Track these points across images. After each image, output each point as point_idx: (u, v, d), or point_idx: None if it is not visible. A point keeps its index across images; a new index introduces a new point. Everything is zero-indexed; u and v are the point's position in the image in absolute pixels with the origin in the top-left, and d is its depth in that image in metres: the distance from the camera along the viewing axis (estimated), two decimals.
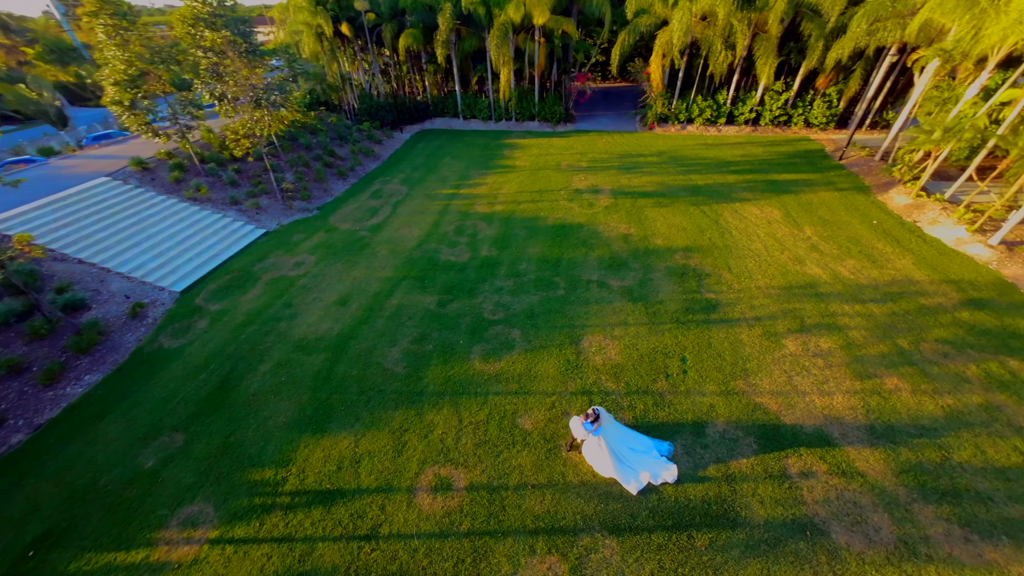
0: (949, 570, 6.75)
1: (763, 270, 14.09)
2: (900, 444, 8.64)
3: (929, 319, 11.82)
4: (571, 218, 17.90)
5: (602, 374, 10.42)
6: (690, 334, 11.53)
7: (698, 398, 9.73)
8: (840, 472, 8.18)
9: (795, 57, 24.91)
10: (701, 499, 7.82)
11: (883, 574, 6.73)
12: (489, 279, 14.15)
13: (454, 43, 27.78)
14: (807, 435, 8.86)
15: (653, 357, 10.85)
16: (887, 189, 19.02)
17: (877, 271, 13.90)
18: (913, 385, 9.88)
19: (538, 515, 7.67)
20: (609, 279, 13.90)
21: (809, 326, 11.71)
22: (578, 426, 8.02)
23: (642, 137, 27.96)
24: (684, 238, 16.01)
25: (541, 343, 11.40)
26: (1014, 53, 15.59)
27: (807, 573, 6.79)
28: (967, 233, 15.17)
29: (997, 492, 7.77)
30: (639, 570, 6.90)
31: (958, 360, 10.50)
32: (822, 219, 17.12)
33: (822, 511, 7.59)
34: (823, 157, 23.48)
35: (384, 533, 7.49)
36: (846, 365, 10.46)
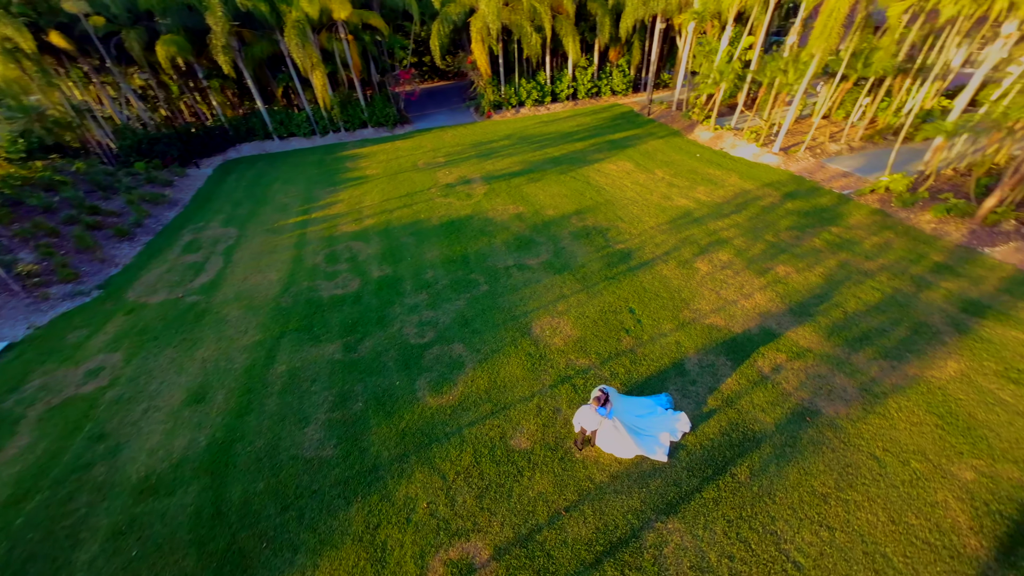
0: (900, 398, 7.97)
1: (647, 212, 15.21)
2: (814, 315, 10.06)
3: (773, 215, 14.43)
4: (456, 212, 16.40)
5: (569, 353, 9.46)
6: (623, 285, 11.50)
7: (662, 340, 9.64)
8: (796, 355, 9.03)
9: (589, 35, 28.16)
10: (720, 433, 7.58)
11: (869, 423, 7.53)
12: (396, 300, 11.69)
13: (238, 49, 22.75)
14: (757, 336, 9.59)
15: (605, 318, 10.39)
16: (692, 129, 23.06)
17: (722, 190, 16.47)
18: (794, 267, 11.76)
19: (589, 540, 6.26)
20: (525, 259, 13.01)
21: (705, 246, 12.99)
22: (589, 416, 6.85)
23: (484, 126, 27.99)
24: (569, 204, 16.24)
25: (491, 347, 9.79)
26: (743, 12, 20.36)
27: (828, 453, 7.12)
28: (758, 148, 19.32)
29: (883, 322, 9.66)
30: (713, 536, 6.18)
31: (805, 238, 13.01)
32: (663, 162, 19.62)
33: (805, 394, 8.17)
34: (636, 116, 27.29)
35: None
36: (747, 268, 11.86)
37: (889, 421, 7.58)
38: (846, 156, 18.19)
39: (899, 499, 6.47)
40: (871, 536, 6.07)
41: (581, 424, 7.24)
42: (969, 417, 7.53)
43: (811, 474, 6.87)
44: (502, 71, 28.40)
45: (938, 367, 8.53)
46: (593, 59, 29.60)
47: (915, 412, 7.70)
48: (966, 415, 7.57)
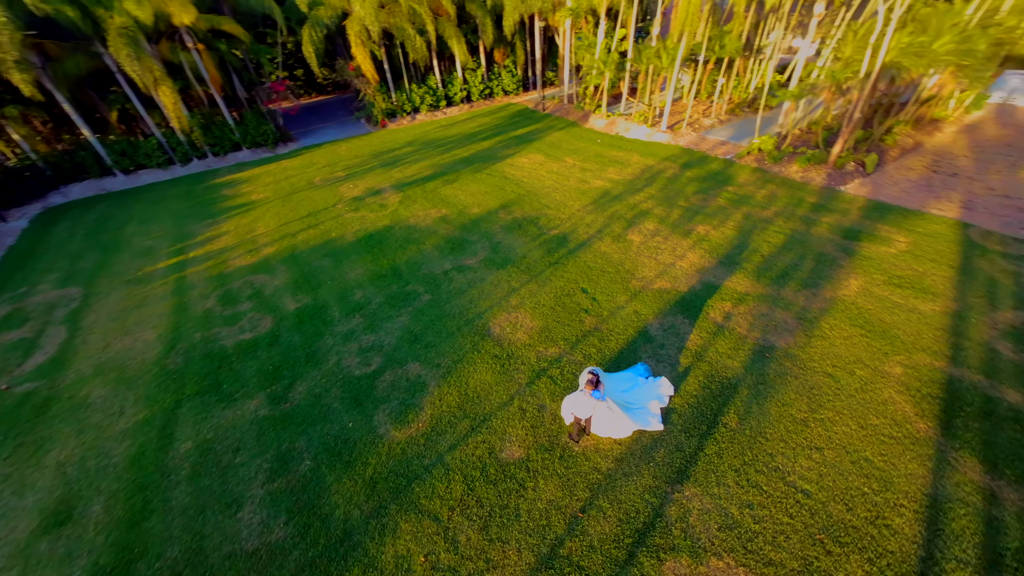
0: (829, 319, 8.94)
1: (570, 197, 15.42)
2: (740, 263, 10.96)
3: (678, 184, 15.67)
4: (372, 225, 14.82)
5: (536, 345, 8.88)
6: (568, 268, 11.32)
7: (621, 313, 9.60)
8: (738, 300, 9.66)
9: (472, 37, 28.21)
10: (700, 388, 7.66)
11: (814, 346, 8.28)
12: (325, 330, 9.95)
13: (42, 66, 17.95)
14: (701, 290, 10.08)
15: (562, 303, 10.05)
16: (587, 119, 24.35)
17: (629, 169, 17.48)
18: (711, 225, 12.79)
19: (615, 535, 5.72)
20: (462, 260, 12.14)
21: (631, 219, 13.51)
22: (582, 402, 6.35)
23: (381, 135, 26.27)
24: (492, 200, 15.78)
25: (452, 358, 8.77)
26: (612, 8, 22.04)
27: (793, 381, 7.61)
28: (649, 129, 21.06)
29: (793, 259, 10.88)
30: (728, 491, 6.08)
31: (711, 199, 14.31)
32: (570, 150, 20.29)
33: (757, 333, 8.72)
34: (532, 112, 28.04)
35: None
36: (673, 233, 12.57)
37: (828, 340, 8.42)
38: (719, 128, 20.73)
39: (859, 406, 7.12)
40: (851, 445, 6.54)
41: (573, 414, 6.70)
42: (880, 322, 8.72)
43: (787, 404, 7.24)
44: (389, 77, 27.00)
45: (845, 287, 9.81)
46: (480, 61, 29.76)
47: (843, 328, 8.68)
48: (878, 321, 8.75)
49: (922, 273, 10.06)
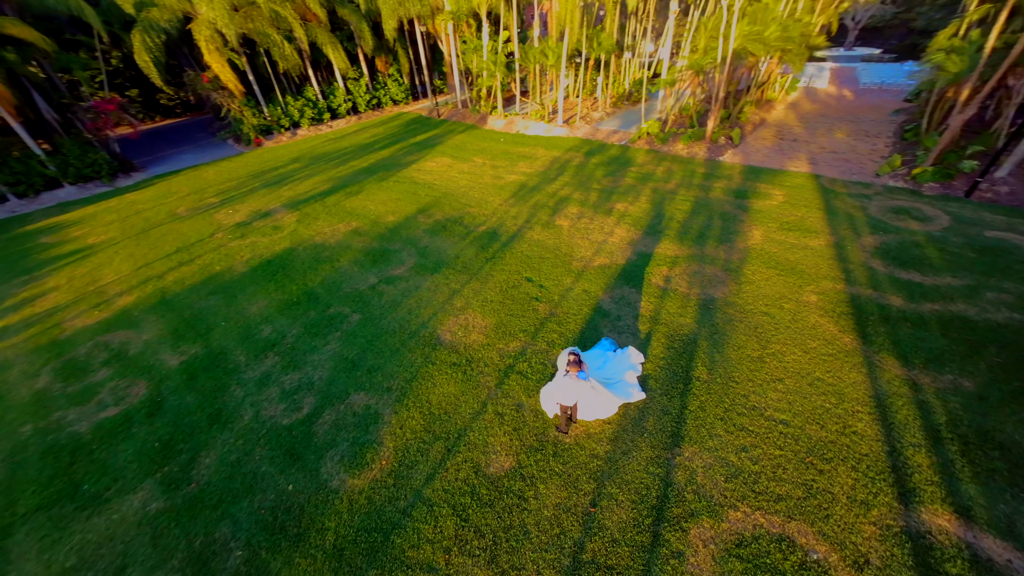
0: (750, 266, 9.83)
1: (489, 194, 15.01)
2: (663, 231, 11.62)
3: (587, 170, 16.33)
4: (269, 249, 12.55)
5: (495, 344, 8.14)
6: (507, 260, 10.82)
7: (571, 295, 9.38)
8: (672, 264, 10.14)
9: (350, 44, 26.43)
10: (665, 349, 7.70)
11: (746, 291, 8.98)
12: (230, 381, 7.89)
13: None
14: (638, 260, 10.39)
15: (510, 296, 9.48)
16: (485, 121, 24.39)
17: (539, 161, 17.77)
18: (627, 202, 13.46)
19: (634, 520, 5.25)
20: (389, 271, 10.84)
21: (555, 206, 13.58)
22: (568, 387, 5.83)
23: (258, 154, 22.96)
24: (408, 205, 14.61)
25: (404, 378, 7.57)
26: (492, 11, 22.41)
27: (739, 325, 8.08)
28: (547, 124, 21.80)
29: (703, 221, 11.91)
30: (721, 441, 6.07)
31: (620, 180, 15.14)
32: (476, 150, 19.98)
33: (697, 290, 9.19)
34: (427, 119, 27.25)
35: None
36: (597, 213, 12.91)
37: (754, 284, 9.22)
38: (608, 120, 22.38)
39: (796, 335, 7.81)
40: (803, 370, 7.09)
41: (558, 403, 6.14)
42: (787, 261, 9.86)
43: (741, 346, 7.63)
44: (258, 90, 23.83)
45: (751, 237, 10.96)
46: (363, 70, 28.04)
47: (762, 271, 9.60)
48: (785, 260, 9.89)
49: (801, 217, 11.76)
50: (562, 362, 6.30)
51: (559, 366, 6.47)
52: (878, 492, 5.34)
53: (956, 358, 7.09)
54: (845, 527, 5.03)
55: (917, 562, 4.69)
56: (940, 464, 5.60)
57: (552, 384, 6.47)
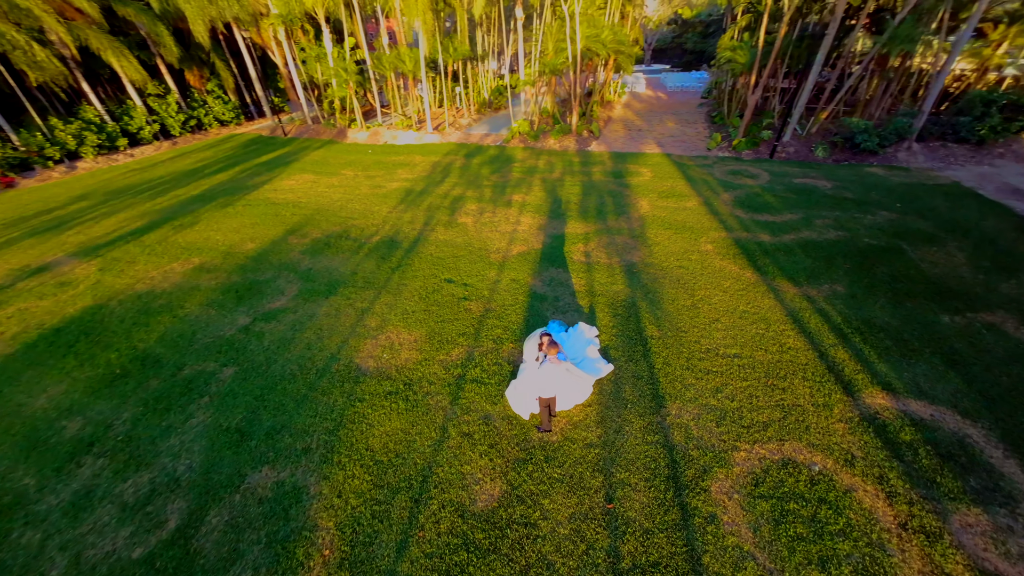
0: (651, 230, 10.50)
1: (373, 204, 13.26)
2: (564, 213, 11.75)
3: (473, 170, 15.88)
4: (52, 316, 8.53)
5: (435, 355, 6.79)
6: (417, 267, 9.46)
7: (500, 287, 8.58)
8: (588, 239, 10.21)
9: (144, 53, 21.09)
10: (612, 317, 7.48)
11: (657, 253, 9.49)
12: (13, 520, 4.76)
13: None
14: (554, 242, 10.18)
15: (434, 302, 8.18)
16: (345, 135, 22.09)
17: (419, 167, 16.61)
18: (522, 194, 13.36)
19: (657, 501, 4.64)
20: (266, 305, 8.38)
21: (451, 206, 12.65)
22: (548, 375, 5.02)
23: (13, 197, 16.28)
24: (270, 228, 11.86)
25: (325, 429, 5.65)
26: (331, 15, 20.42)
27: (665, 280, 8.40)
28: (416, 133, 20.77)
29: (595, 200, 12.51)
30: (697, 391, 5.96)
31: (507, 175, 15.08)
32: (343, 164, 17.74)
33: (617, 258, 9.35)
34: (271, 139, 23.43)
35: None
36: (496, 207, 12.44)
37: (661, 244, 9.83)
38: (476, 125, 22.50)
39: (711, 278, 8.45)
40: (730, 306, 7.62)
41: (537, 397, 5.24)
42: (677, 221, 10.86)
43: (675, 299, 7.89)
44: None
45: (641, 207, 11.85)
46: (168, 85, 22.69)
47: (662, 232, 10.35)
48: (675, 221, 10.87)
49: (671, 187, 13.28)
50: (530, 350, 5.41)
51: (526, 357, 5.57)
52: (830, 392, 5.84)
53: (823, 271, 8.54)
54: (823, 432, 5.30)
55: (884, 442, 5.15)
56: (855, 354, 6.46)
57: (521, 379, 5.51)
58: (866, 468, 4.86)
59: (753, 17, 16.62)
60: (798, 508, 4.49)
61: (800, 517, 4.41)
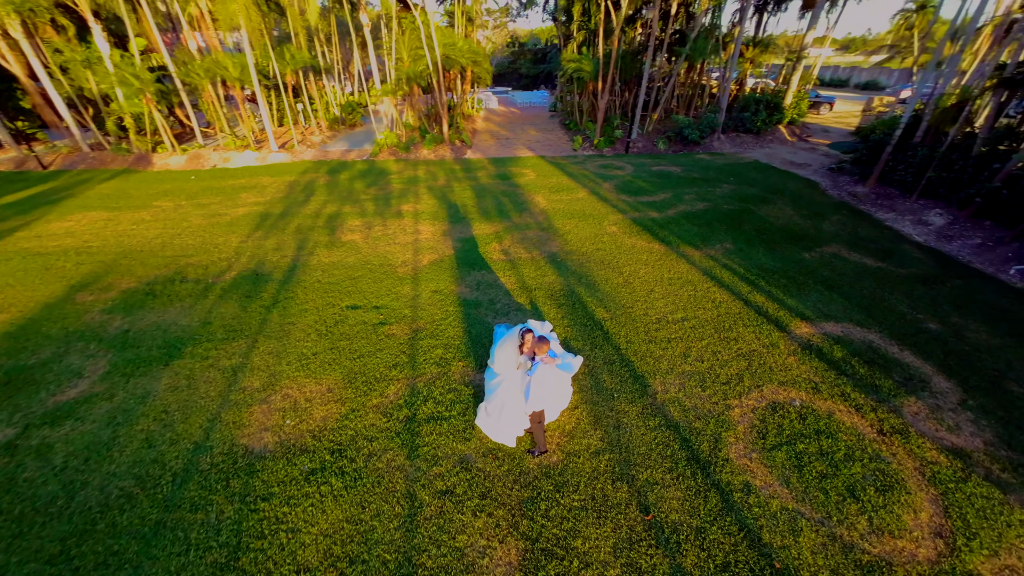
0: (557, 222, 10.39)
1: (214, 234, 10.10)
2: (465, 216, 10.87)
3: (343, 187, 13.76)
4: None
5: (365, 403, 5.05)
6: (302, 298, 7.31)
7: (421, 301, 7.18)
8: (498, 238, 9.50)
9: None
10: (559, 308, 6.86)
11: (572, 241, 9.37)
12: None
13: None
14: (466, 246, 9.19)
15: (342, 335, 6.30)
16: (150, 161, 16.99)
17: (270, 189, 13.62)
18: (411, 203, 12.00)
19: (692, 490, 4.03)
20: (52, 399, 5.19)
21: (329, 224, 10.52)
22: (544, 382, 4.06)
23: None
24: (41, 288, 7.80)
25: (215, 564, 3.47)
26: (101, 11, 15.50)
27: (593, 263, 8.24)
28: (257, 152, 17.26)
29: (490, 201, 12.02)
30: (668, 361, 5.70)
31: (386, 187, 13.49)
32: (156, 195, 13.35)
33: (538, 252, 8.87)
34: (20, 174, 16.53)
35: None
36: (386, 219, 10.82)
37: (572, 232, 9.76)
38: (333, 142, 19.98)
39: (629, 254, 8.63)
40: (658, 275, 7.80)
41: (530, 412, 4.19)
42: (576, 211, 11.05)
43: (608, 279, 7.73)
44: None
45: (538, 203, 11.78)
46: None
47: (569, 222, 10.34)
48: (574, 211, 11.05)
49: (558, 182, 13.68)
50: (506, 358, 4.32)
51: (500, 368, 4.44)
52: (769, 332, 6.25)
53: (710, 235, 9.57)
54: (784, 369, 5.55)
55: (827, 364, 5.63)
56: (768, 295, 7.17)
57: (499, 397, 4.36)
58: (830, 391, 5.19)
59: (587, 33, 18.80)
60: (806, 447, 4.44)
61: (812, 455, 4.35)
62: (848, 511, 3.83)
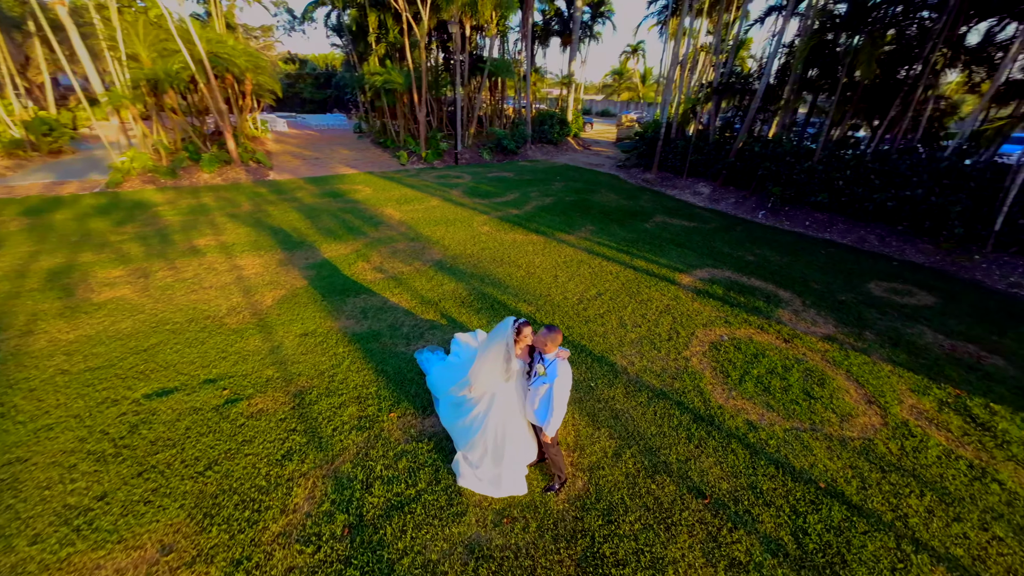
0: (422, 227, 9.17)
1: None
2: (302, 241, 8.46)
3: (64, 231, 8.85)
4: None
5: (233, 545, 2.86)
6: (50, 398, 3.97)
7: (288, 351, 4.93)
8: (361, 256, 7.66)
9: None
10: (481, 315, 5.81)
11: (449, 244, 8.38)
12: None
13: None
14: (322, 271, 7.03)
15: (168, 439, 3.59)
16: None
17: None
18: (209, 238, 8.60)
19: (720, 461, 3.69)
20: None
21: (66, 286, 6.39)
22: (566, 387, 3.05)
23: None
24: None
25: None
26: None
27: (492, 262, 7.49)
28: None
29: (331, 222, 9.85)
30: (607, 337, 5.45)
31: (160, 223, 9.41)
32: None
33: (420, 263, 7.52)
34: None
35: None
36: (174, 260, 7.36)
37: (448, 238, 8.75)
38: (19, 174, 12.95)
39: (514, 247, 8.25)
40: (551, 261, 7.66)
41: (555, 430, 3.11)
42: (436, 218, 10.10)
43: (510, 273, 7.12)
44: None
45: (391, 215, 10.26)
46: None
47: (435, 228, 9.29)
48: (433, 217, 10.09)
49: (403, 194, 12.35)
50: (489, 372, 3.09)
51: (478, 390, 3.17)
52: (666, 288, 6.80)
53: (572, 221, 10.17)
54: (696, 314, 6.05)
55: (719, 301, 6.45)
56: (645, 259, 7.91)
57: (483, 435, 3.14)
58: (737, 321, 5.89)
59: (388, 47, 17.99)
60: (759, 370, 4.80)
61: (766, 376, 4.72)
62: (818, 411, 4.23)
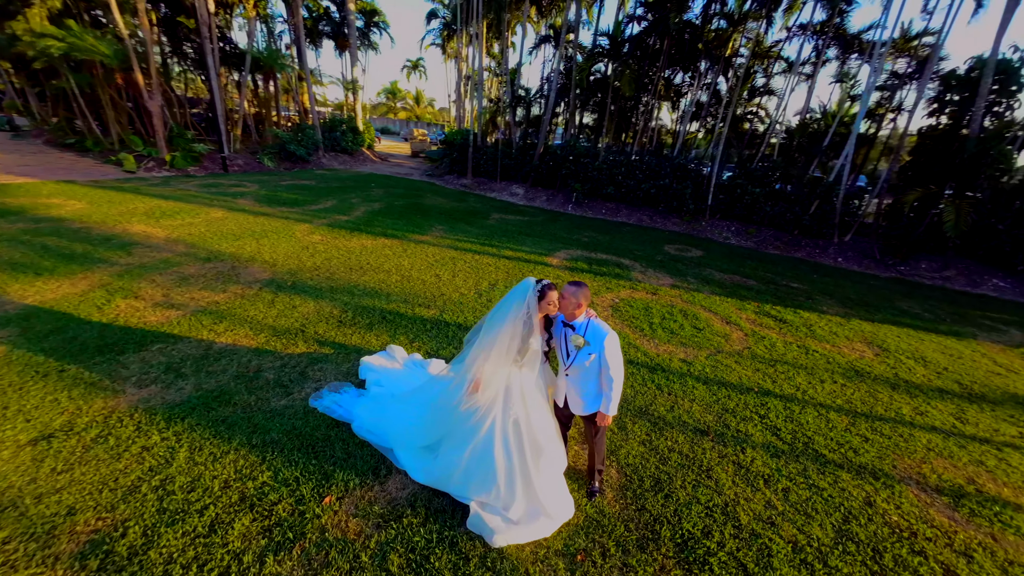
0: (223, 244, 6.45)
1: None
2: (45, 280, 4.54)
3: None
4: None
5: None
6: None
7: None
8: (130, 294, 4.70)
9: None
10: (409, 329, 4.42)
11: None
12: None
13: None
14: (84, 325, 3.88)
15: None
16: None
17: None
18: None
19: (706, 402, 3.89)
20: None
21: None
22: (616, 349, 2.54)
23: None
24: None
25: None
26: None
27: (383, 271, 5.90)
28: None
29: None
30: None
31: None
32: None
33: (245, 279, 5.19)
34: None
35: None
36: None
37: (269, 252, 6.46)
38: None
39: (389, 255, 6.89)
40: (420, 264, 6.77)
41: (614, 412, 2.57)
42: (216, 233, 7.40)
43: (380, 282, 5.84)
44: None
45: (147, 233, 6.85)
46: None
47: (239, 243, 6.73)
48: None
49: (155, 206, 8.50)
50: (500, 358, 2.35)
51: (486, 394, 2.36)
52: (544, 271, 7.04)
53: (417, 223, 9.31)
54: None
55: (594, 274, 7.10)
56: (512, 248, 8.00)
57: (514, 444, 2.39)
58: (618, 287, 6.60)
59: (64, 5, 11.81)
60: (657, 319, 5.47)
61: (661, 319, 5.42)
62: (710, 338, 5.14)
